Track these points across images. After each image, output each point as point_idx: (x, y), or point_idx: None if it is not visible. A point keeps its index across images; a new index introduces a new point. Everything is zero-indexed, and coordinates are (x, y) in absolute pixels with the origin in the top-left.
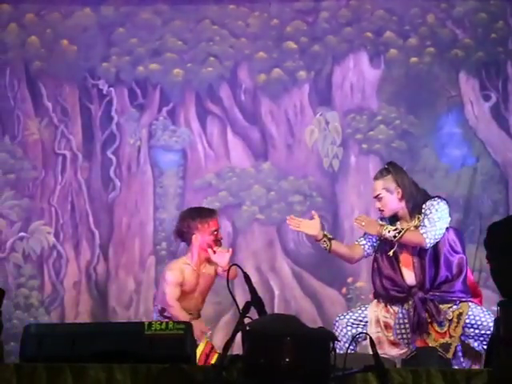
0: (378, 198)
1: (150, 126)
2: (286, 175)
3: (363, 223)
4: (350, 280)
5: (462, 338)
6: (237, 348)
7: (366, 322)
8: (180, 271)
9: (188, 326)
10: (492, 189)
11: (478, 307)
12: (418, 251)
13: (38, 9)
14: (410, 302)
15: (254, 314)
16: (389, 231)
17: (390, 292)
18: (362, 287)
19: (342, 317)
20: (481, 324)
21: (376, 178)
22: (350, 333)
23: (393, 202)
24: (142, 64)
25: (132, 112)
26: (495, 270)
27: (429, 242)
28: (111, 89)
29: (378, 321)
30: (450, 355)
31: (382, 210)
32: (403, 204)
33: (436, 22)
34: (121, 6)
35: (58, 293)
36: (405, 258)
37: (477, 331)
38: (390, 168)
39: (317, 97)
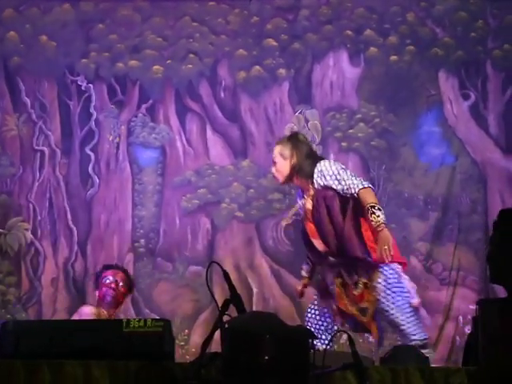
0: (273, 162)
1: (129, 123)
2: (266, 173)
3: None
4: None
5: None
6: (215, 346)
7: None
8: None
9: (166, 324)
10: (471, 188)
11: (390, 272)
12: (317, 219)
13: (17, 4)
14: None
15: (232, 311)
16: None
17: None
18: None
19: (312, 306)
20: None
21: (276, 143)
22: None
23: (285, 168)
24: (121, 60)
25: (111, 108)
26: (493, 253)
27: (366, 184)
28: (90, 85)
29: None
30: (367, 319)
31: (276, 176)
32: (294, 172)
33: (416, 21)
34: (100, 2)
35: (36, 290)
36: (310, 229)
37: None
38: (292, 136)
39: (297, 94)
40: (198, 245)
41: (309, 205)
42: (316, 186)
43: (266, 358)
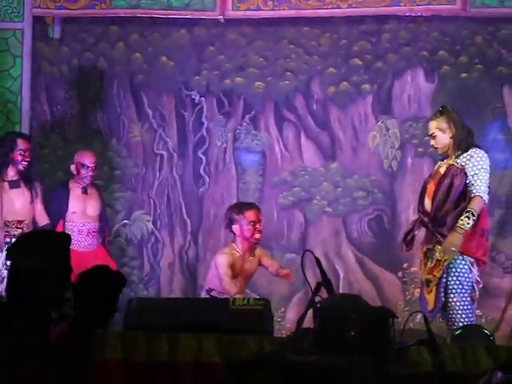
0: (432, 136)
1: (235, 131)
2: (352, 174)
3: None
4: (405, 265)
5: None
6: (308, 322)
7: None
8: (230, 255)
9: (266, 302)
10: None
11: (463, 263)
12: (439, 185)
13: (142, 30)
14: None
15: (323, 293)
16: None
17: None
18: (415, 272)
19: None
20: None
21: (430, 120)
22: None
23: (445, 139)
24: (228, 77)
25: (219, 118)
26: None
27: (484, 196)
28: (202, 98)
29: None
30: (428, 290)
31: (436, 148)
32: (452, 142)
33: (483, 43)
34: (211, 28)
35: (155, 272)
36: (430, 188)
37: (457, 282)
38: (444, 110)
39: (379, 106)
40: (292, 236)
41: (442, 169)
42: (458, 160)
43: (352, 333)
